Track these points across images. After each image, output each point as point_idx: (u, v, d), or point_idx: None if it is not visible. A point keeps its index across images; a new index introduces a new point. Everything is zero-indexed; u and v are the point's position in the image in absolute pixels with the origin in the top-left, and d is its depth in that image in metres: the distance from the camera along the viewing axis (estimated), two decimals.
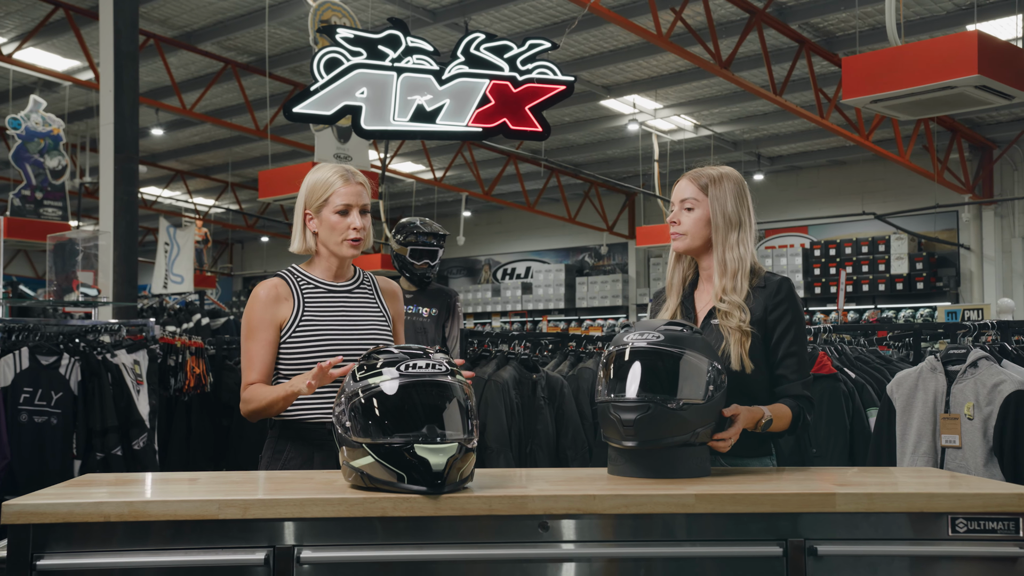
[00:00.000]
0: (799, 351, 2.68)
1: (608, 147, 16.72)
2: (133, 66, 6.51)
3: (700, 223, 2.72)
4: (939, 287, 15.34)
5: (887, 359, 4.88)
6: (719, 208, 2.71)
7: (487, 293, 20.00)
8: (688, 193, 2.75)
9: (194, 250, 16.55)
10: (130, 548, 1.96)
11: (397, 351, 2.20)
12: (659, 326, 2.42)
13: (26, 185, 11.34)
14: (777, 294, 2.68)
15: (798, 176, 17.55)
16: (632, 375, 2.34)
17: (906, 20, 10.90)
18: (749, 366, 2.59)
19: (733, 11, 10.72)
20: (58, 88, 13.36)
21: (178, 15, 11.70)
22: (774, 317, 2.66)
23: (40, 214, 11.42)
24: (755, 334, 2.62)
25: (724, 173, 2.77)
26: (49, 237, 5.89)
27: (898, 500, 2.09)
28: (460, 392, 2.17)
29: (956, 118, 13.87)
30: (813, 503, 2.09)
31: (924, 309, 14.61)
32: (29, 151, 11.51)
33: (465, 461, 2.11)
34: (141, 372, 5.35)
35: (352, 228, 2.83)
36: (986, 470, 3.76)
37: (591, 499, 2.06)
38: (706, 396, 2.34)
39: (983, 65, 6.19)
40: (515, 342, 5.74)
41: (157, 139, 16.55)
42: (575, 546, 2.07)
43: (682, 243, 2.76)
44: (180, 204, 21.22)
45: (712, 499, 2.08)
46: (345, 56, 5.56)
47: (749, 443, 2.63)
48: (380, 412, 2.11)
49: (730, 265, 2.68)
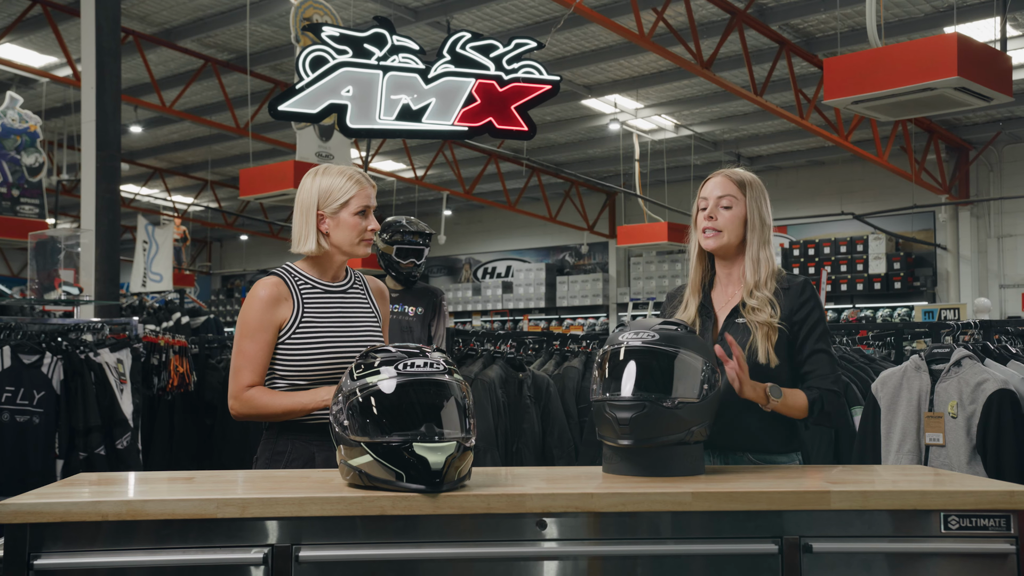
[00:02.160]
0: (827, 348, 2.73)
1: (589, 146, 16.76)
2: (115, 63, 6.46)
3: (737, 221, 2.75)
4: (916, 287, 15.47)
5: (870, 358, 4.93)
6: (756, 208, 2.76)
7: (468, 292, 20.00)
8: (726, 190, 2.77)
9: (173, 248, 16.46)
10: (127, 547, 1.95)
11: (395, 350, 2.20)
12: (654, 325, 2.43)
13: (3, 182, 11.24)
14: (802, 294, 2.74)
15: (777, 176, 17.65)
16: (627, 374, 2.35)
17: (885, 22, 10.98)
18: (775, 360, 2.63)
19: (714, 12, 10.76)
20: (35, 84, 13.26)
21: (158, 12, 11.62)
22: (800, 316, 2.71)
23: (17, 212, 11.32)
24: (782, 330, 2.67)
25: (752, 175, 2.83)
26: (31, 235, 5.84)
27: (892, 498, 2.11)
28: (458, 391, 2.17)
29: (933, 119, 13.99)
30: (808, 501, 2.11)
31: (901, 309, 14.73)
32: (6, 148, 11.41)
33: (463, 460, 2.11)
34: (124, 371, 5.31)
35: (369, 229, 2.90)
36: (969, 468, 3.80)
37: (589, 497, 2.08)
38: (701, 395, 2.36)
39: (963, 67, 6.25)
40: (501, 341, 5.74)
41: (136, 136, 16.43)
42: (573, 544, 2.08)
43: (717, 241, 2.76)
44: (159, 202, 21.09)
45: (708, 497, 2.10)
46: (330, 54, 5.55)
47: (777, 437, 2.66)
48: (378, 411, 2.12)
49: (763, 264, 2.74)
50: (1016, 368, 4.00)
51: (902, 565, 2.12)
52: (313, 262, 2.93)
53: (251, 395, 2.76)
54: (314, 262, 2.93)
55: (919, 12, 10.82)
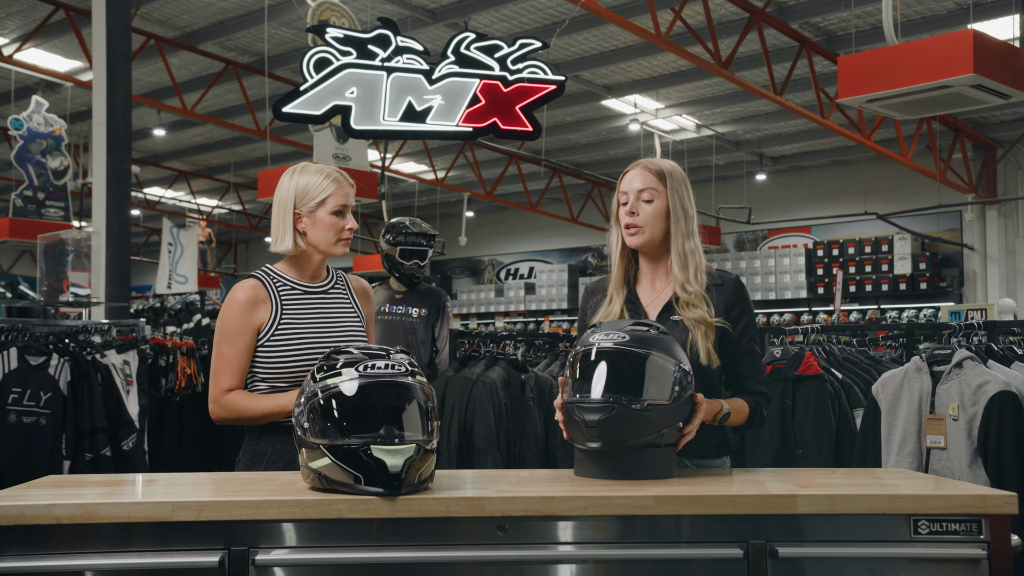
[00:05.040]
0: (756, 349, 2.70)
1: (610, 147, 16.70)
2: (126, 66, 6.51)
3: (659, 215, 2.65)
4: (943, 287, 15.27)
5: (876, 359, 4.85)
6: (678, 199, 2.66)
7: (490, 293, 19.97)
8: (647, 183, 2.65)
9: (198, 250, 16.61)
10: (83, 551, 1.94)
11: (357, 351, 2.19)
12: (625, 326, 2.40)
13: (28, 186, 11.38)
14: (736, 292, 2.68)
15: (801, 176, 17.50)
16: (597, 376, 2.32)
17: (907, 19, 10.86)
18: (716, 361, 2.58)
19: (733, 11, 10.68)
20: (60, 89, 13.41)
21: (179, 15, 11.71)
22: (735, 314, 2.65)
23: (42, 215, 11.46)
24: (719, 329, 2.61)
25: (674, 165, 2.72)
26: (40, 237, 5.89)
27: (859, 502, 2.07)
28: (420, 393, 2.15)
29: (959, 117, 13.81)
30: (774, 505, 2.07)
31: (927, 309, 14.55)
32: (31, 152, 11.56)
33: (424, 462, 2.09)
34: (131, 372, 5.35)
35: (347, 229, 2.88)
36: (971, 471, 3.73)
37: (549, 501, 2.05)
38: (672, 397, 2.32)
39: (979, 64, 6.15)
40: (505, 342, 5.72)
41: (160, 140, 16.57)
42: (533, 548, 2.05)
43: (640, 238, 2.65)
44: (183, 205, 21.25)
45: (672, 501, 2.06)
46: (335, 56, 5.55)
47: (709, 442, 2.61)
48: (339, 413, 2.10)
49: (689, 258, 2.65)
50: (1019, 369, 3.92)
51: (871, 570, 2.07)
52: (292, 262, 2.92)
53: (230, 399, 2.76)
54: (293, 262, 2.92)
55: (941, 9, 10.69)
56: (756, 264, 16.28)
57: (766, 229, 17.54)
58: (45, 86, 13.42)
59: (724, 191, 17.59)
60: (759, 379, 2.67)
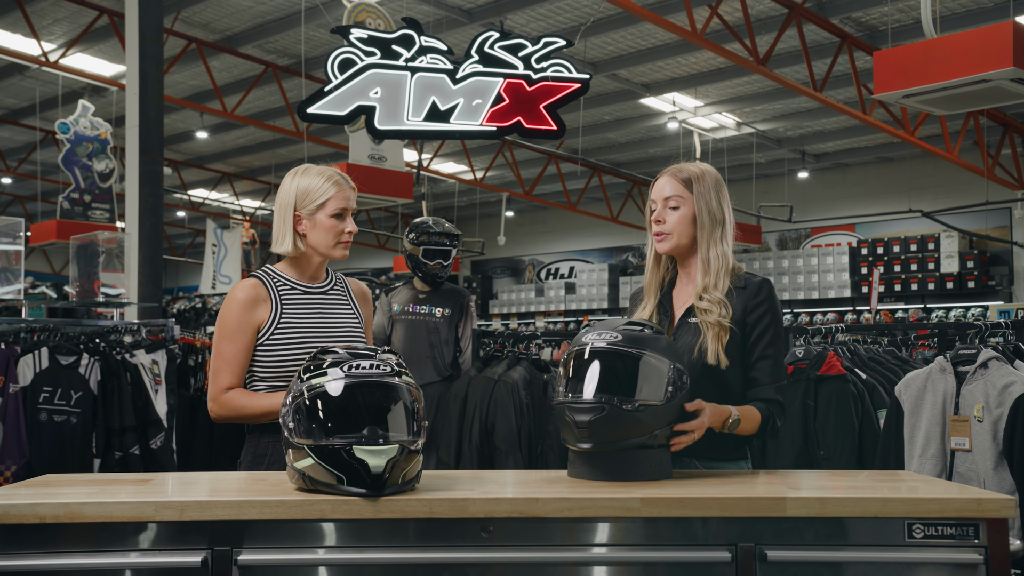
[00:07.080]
0: (775, 354, 2.61)
1: (649, 145, 16.58)
2: (158, 70, 6.59)
3: (686, 222, 2.66)
4: (991, 286, 14.95)
5: (904, 359, 4.75)
6: (704, 205, 2.65)
7: (531, 293, 19.95)
8: (672, 191, 2.67)
9: (241, 251, 16.80)
10: (67, 550, 1.96)
11: (343, 351, 2.18)
12: (618, 326, 2.37)
13: (75, 188, 11.60)
14: (757, 295, 2.62)
15: (844, 174, 17.24)
16: (590, 376, 2.30)
17: (952, 13, 10.65)
18: (725, 362, 2.53)
19: (771, 6, 10.55)
20: (106, 93, 13.64)
21: (219, 19, 11.84)
22: (753, 318, 2.60)
23: (88, 216, 11.68)
24: (733, 331, 2.57)
25: (704, 169, 2.71)
26: (73, 238, 5.99)
27: (851, 505, 2.02)
28: (406, 393, 2.14)
29: (1007, 112, 13.51)
30: (763, 507, 2.03)
31: (976, 308, 14.26)
32: (78, 155, 11.78)
33: (408, 463, 2.08)
34: (159, 372, 5.41)
35: (346, 232, 2.89)
36: (996, 473, 3.64)
37: (533, 502, 2.03)
38: (665, 398, 2.28)
39: (1019, 57, 6.01)
40: (528, 342, 5.70)
41: (203, 142, 16.78)
42: (516, 550, 2.03)
43: (668, 244, 2.68)
44: (227, 206, 21.50)
45: (658, 503, 2.03)
46: (359, 56, 5.58)
47: (724, 446, 2.57)
48: (323, 413, 2.10)
49: (713, 263, 2.63)
50: None
51: (863, 575, 2.02)
52: (292, 263, 2.94)
53: (229, 397, 2.77)
54: (293, 263, 2.94)
55: (988, 1, 10.46)
56: (799, 263, 16.07)
57: (809, 227, 17.31)
58: (91, 90, 13.66)
59: (766, 189, 17.39)
60: (775, 386, 2.59)
